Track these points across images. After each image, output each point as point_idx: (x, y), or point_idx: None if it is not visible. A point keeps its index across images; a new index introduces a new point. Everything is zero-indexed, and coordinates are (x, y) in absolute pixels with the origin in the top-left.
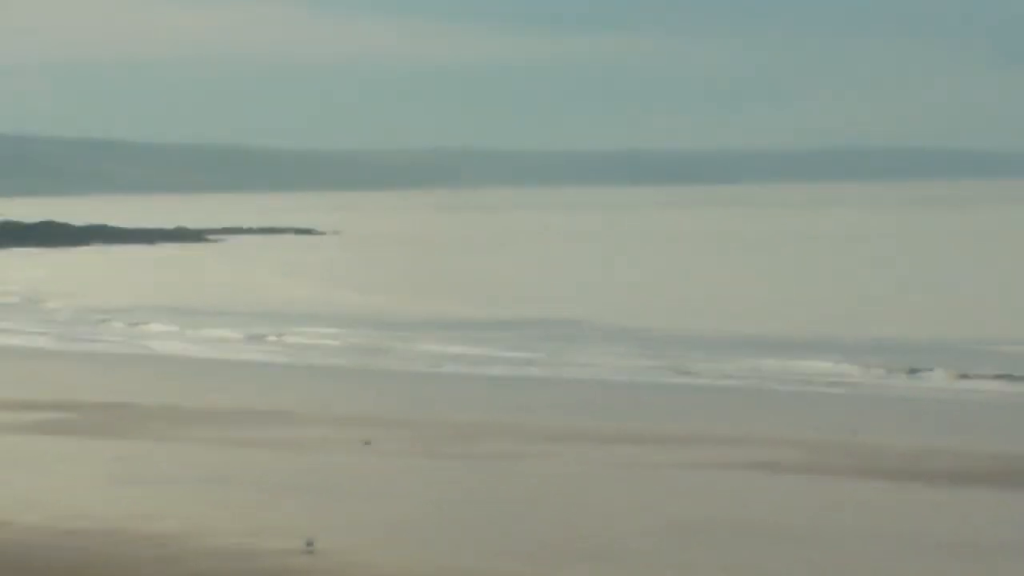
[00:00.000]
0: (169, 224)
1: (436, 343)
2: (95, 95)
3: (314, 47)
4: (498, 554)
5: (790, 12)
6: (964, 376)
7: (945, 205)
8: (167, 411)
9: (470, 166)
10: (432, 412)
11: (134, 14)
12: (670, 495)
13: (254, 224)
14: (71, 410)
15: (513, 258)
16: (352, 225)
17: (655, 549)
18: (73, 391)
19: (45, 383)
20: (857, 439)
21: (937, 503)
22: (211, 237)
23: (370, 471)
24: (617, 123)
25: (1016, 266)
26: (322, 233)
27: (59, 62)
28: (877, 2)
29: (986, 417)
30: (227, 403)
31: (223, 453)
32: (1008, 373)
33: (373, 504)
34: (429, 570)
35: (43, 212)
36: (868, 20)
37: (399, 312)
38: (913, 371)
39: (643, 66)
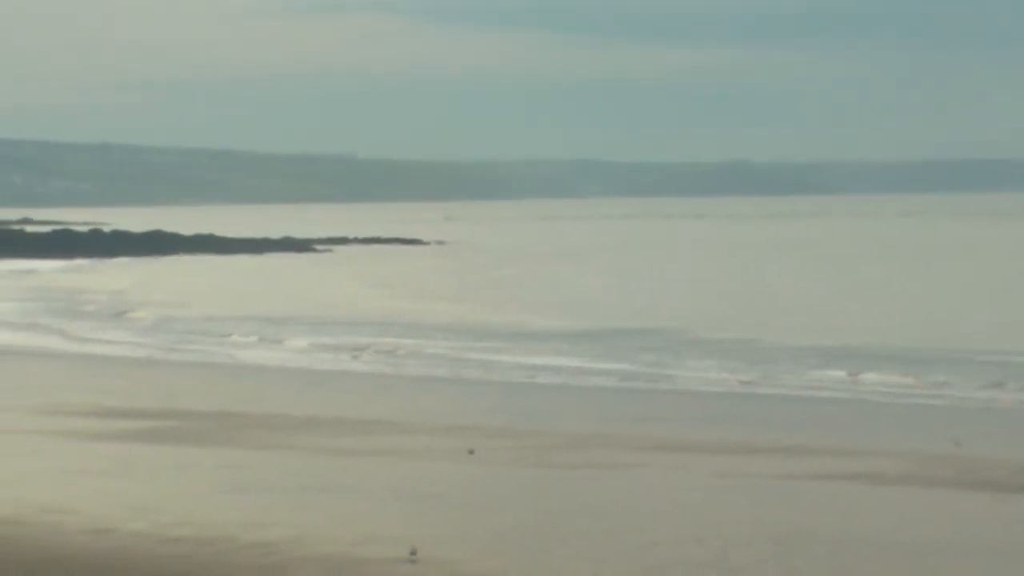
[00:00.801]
0: (277, 234)
1: (531, 354)
2: (215, 108)
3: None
4: (602, 564)
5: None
6: None
7: None
8: (271, 420)
9: (584, 177)
10: (534, 422)
11: (256, 29)
12: (773, 506)
13: (360, 234)
14: (174, 418)
15: (612, 268)
16: (458, 236)
17: (759, 560)
18: (175, 400)
19: (147, 392)
20: (960, 451)
21: None
22: (318, 247)
23: (474, 480)
24: (726, 136)
25: None
26: (427, 243)
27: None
28: (982, 13)
29: None
30: (329, 412)
31: (327, 462)
32: None
33: (477, 513)
34: None
35: (155, 222)
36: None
37: (492, 323)
38: (1009, 384)
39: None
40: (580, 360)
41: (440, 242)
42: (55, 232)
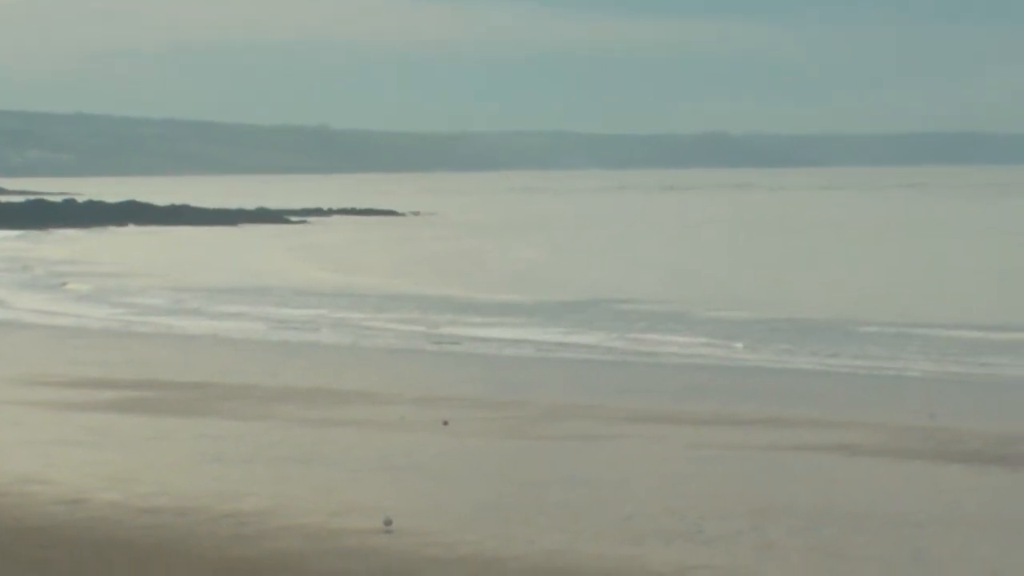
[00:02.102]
0: (251, 205)
1: (504, 326)
2: (191, 79)
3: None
4: (578, 535)
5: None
6: None
7: None
8: (247, 390)
9: (564, 149)
10: (510, 393)
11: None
12: (749, 477)
13: (335, 206)
14: (150, 389)
15: (587, 240)
16: (434, 207)
17: (735, 532)
18: (151, 370)
19: (123, 362)
20: (936, 422)
21: (1017, 488)
22: (292, 219)
23: (449, 451)
24: (705, 108)
25: None
26: (402, 215)
27: (160, 48)
28: None
29: None
30: (305, 383)
31: (302, 432)
32: None
33: (453, 484)
34: (508, 551)
35: (134, 191)
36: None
37: (463, 295)
38: (988, 356)
39: (730, 53)
40: (558, 331)
41: (416, 213)
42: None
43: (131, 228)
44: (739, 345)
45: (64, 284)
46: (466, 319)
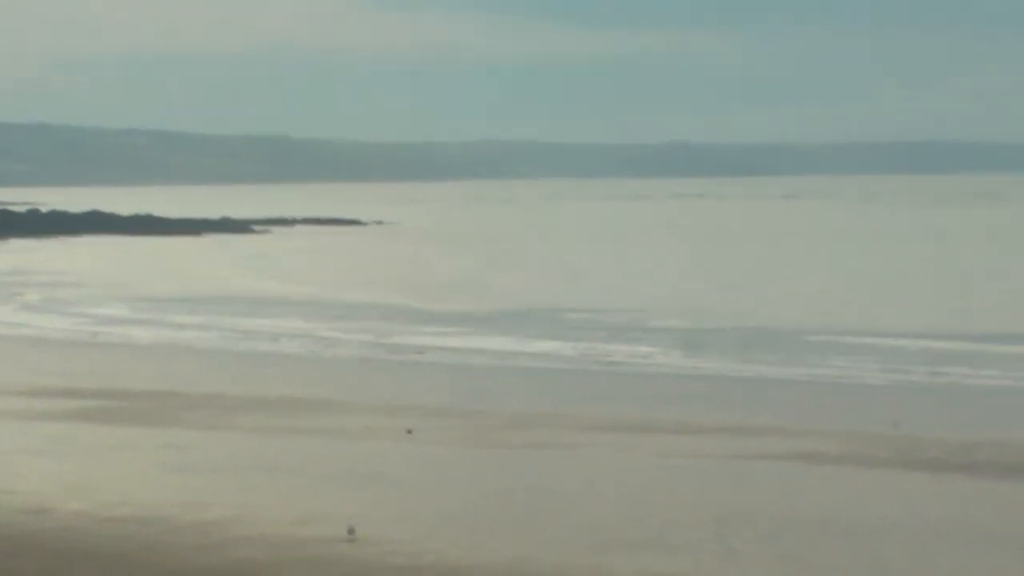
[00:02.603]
0: (215, 215)
1: (470, 336)
2: (153, 89)
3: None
4: (542, 544)
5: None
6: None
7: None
8: (212, 400)
9: (526, 159)
10: (475, 402)
11: (192, 10)
12: (713, 485)
13: (299, 215)
14: (115, 398)
15: (546, 249)
16: (400, 216)
17: (699, 540)
18: (117, 379)
19: (85, 372)
20: (898, 431)
21: (981, 495)
22: (257, 228)
23: (414, 460)
24: (670, 117)
25: None
26: (366, 224)
27: (122, 57)
28: None
29: None
30: (270, 392)
31: (267, 441)
32: None
33: (417, 493)
34: (472, 559)
35: (96, 201)
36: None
37: (426, 305)
38: (946, 365)
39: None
40: (523, 341)
41: (379, 222)
42: None
43: (93, 238)
44: (698, 354)
45: (20, 295)
46: (424, 328)
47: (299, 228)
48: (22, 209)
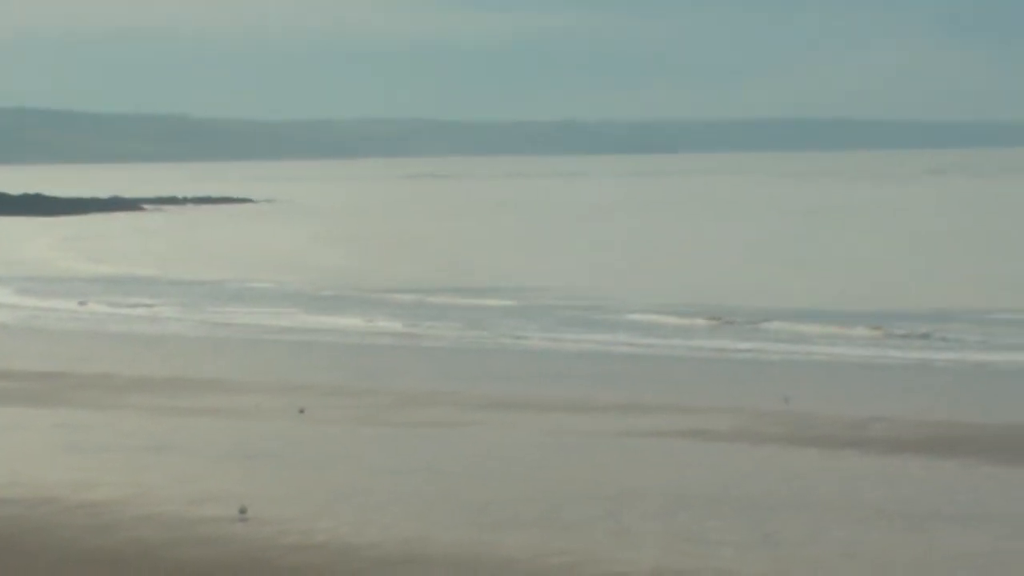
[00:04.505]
0: (104, 194)
1: (366, 314)
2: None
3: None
4: (435, 523)
5: None
6: (889, 338)
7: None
8: (103, 380)
9: (423, 136)
10: (365, 381)
11: None
12: (605, 463)
13: (190, 194)
14: (6, 379)
15: (439, 228)
16: (290, 194)
17: (591, 517)
18: (7, 360)
19: None
20: (790, 407)
21: (869, 471)
22: (147, 207)
23: (306, 439)
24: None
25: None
26: (257, 202)
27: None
28: None
29: (920, 385)
30: (162, 372)
31: (159, 421)
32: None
33: (309, 472)
34: (363, 538)
35: None
36: None
37: (319, 284)
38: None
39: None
40: (415, 321)
41: (270, 201)
42: None
43: None
44: (588, 332)
45: None
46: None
47: (189, 207)
48: None
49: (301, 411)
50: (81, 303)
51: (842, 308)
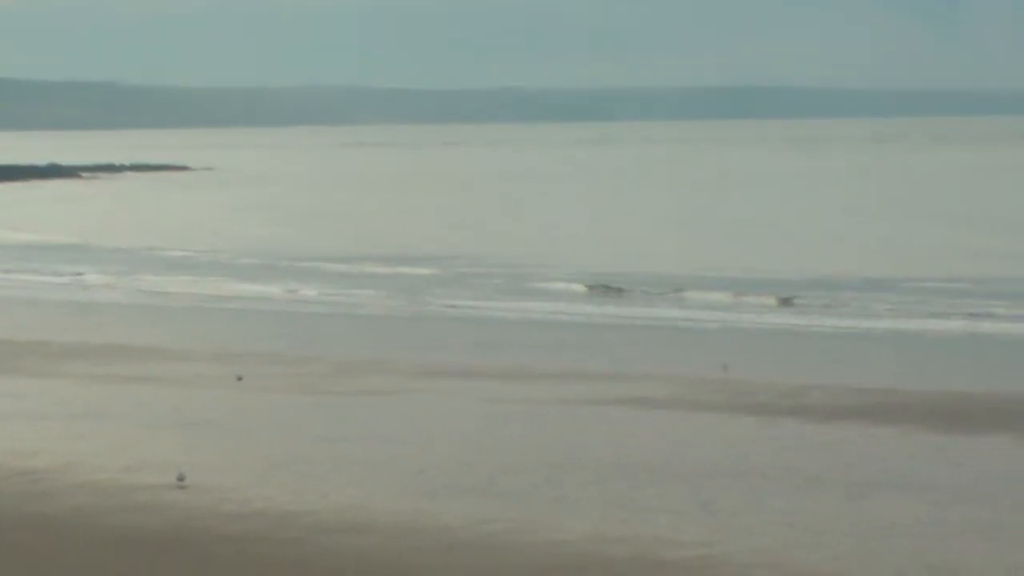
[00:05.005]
0: (42, 161)
1: (294, 283)
2: None
3: None
4: (373, 490)
5: None
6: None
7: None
8: (38, 347)
9: (362, 104)
10: (303, 350)
11: None
12: (542, 431)
13: (128, 161)
14: None
15: (369, 196)
16: (227, 162)
17: (529, 485)
18: None
19: None
20: (728, 374)
21: (807, 439)
22: (85, 175)
23: (244, 407)
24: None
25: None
26: (195, 170)
27: None
28: None
29: (857, 352)
30: (98, 340)
31: (95, 389)
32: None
33: (247, 440)
34: (302, 506)
35: None
36: None
37: (254, 252)
38: (783, 302)
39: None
40: (349, 288)
41: (208, 168)
42: None
43: None
44: (526, 299)
45: None
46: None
47: (127, 174)
48: None
49: (239, 379)
50: (6, 271)
51: (751, 277)
